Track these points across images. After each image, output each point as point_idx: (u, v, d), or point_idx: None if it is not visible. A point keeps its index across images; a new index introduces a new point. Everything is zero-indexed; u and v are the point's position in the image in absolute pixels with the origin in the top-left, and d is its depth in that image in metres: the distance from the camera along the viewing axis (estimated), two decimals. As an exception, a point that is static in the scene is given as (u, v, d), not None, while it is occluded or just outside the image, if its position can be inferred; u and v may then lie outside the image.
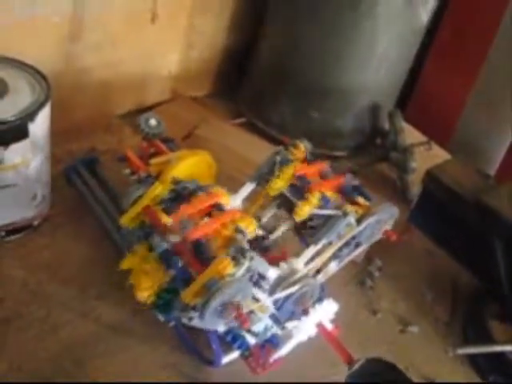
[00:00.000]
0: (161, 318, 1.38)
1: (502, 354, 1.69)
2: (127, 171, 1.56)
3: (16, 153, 1.51)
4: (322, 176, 1.59)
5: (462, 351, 1.73)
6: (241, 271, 1.27)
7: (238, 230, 1.36)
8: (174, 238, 1.33)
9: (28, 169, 1.57)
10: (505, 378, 1.69)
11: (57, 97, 1.60)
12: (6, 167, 1.52)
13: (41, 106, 1.51)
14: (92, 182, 1.79)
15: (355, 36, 2.17)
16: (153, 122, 2.11)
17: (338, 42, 2.18)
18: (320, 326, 1.43)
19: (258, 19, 2.36)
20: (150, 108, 2.31)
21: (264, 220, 1.58)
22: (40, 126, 1.53)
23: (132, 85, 2.24)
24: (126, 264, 1.39)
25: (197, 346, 1.53)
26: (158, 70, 2.31)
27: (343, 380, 1.54)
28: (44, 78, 1.59)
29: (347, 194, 1.55)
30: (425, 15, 2.25)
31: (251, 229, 1.40)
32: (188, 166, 1.52)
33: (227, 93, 2.52)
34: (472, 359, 1.74)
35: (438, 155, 2.35)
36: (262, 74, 2.40)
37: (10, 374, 1.39)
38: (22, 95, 1.53)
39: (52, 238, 1.72)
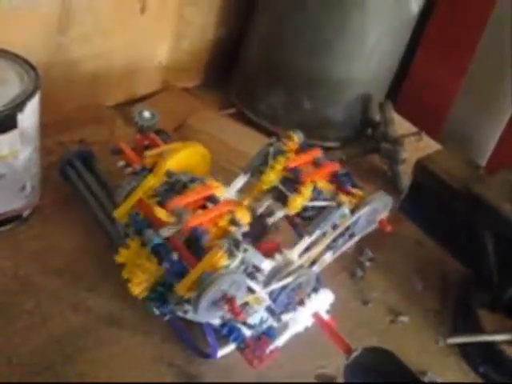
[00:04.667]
0: (156, 311, 1.38)
1: (491, 344, 1.70)
2: (122, 163, 1.55)
3: (5, 144, 1.50)
4: (316, 164, 1.59)
5: (451, 341, 1.74)
6: (235, 263, 1.27)
7: (233, 221, 1.36)
8: (168, 231, 1.33)
9: (17, 160, 1.56)
10: (494, 367, 1.70)
11: (46, 88, 1.60)
12: (-5, 158, 1.51)
13: (30, 96, 1.50)
14: (86, 175, 1.78)
15: (345, 27, 2.17)
16: (146, 114, 2.10)
17: (327, 33, 2.17)
18: (316, 316, 1.44)
19: (248, 10, 2.36)
20: (140, 99, 2.30)
21: (258, 213, 1.58)
22: (29, 116, 1.52)
23: (122, 76, 2.23)
24: (120, 258, 1.39)
25: (193, 340, 1.53)
26: (149, 60, 2.30)
27: (335, 370, 1.56)
28: (33, 67, 1.58)
29: (341, 183, 1.55)
30: (415, 6, 2.25)
31: (246, 220, 1.40)
32: (182, 158, 1.52)
33: (218, 83, 2.51)
34: (462, 349, 1.75)
35: (429, 146, 2.35)
36: (252, 65, 2.39)
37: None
38: (10, 85, 1.52)
39: (42, 229, 1.72)
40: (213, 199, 1.41)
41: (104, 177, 1.78)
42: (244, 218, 1.38)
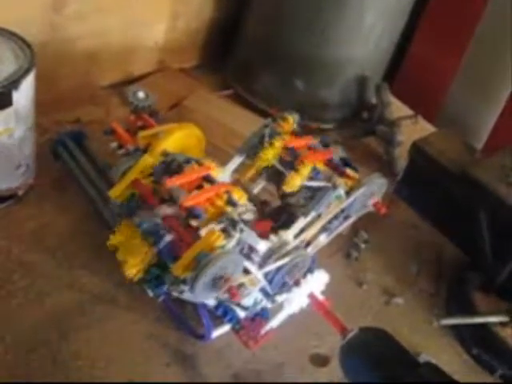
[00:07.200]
0: (150, 293, 1.38)
1: (484, 325, 1.71)
2: (114, 144, 1.55)
3: (-1, 121, 1.50)
4: (311, 149, 1.59)
5: (445, 322, 1.75)
6: (231, 243, 1.27)
7: (231, 201, 1.35)
8: (164, 210, 1.33)
9: (12, 138, 1.55)
10: (487, 349, 1.71)
11: (42, 67, 1.58)
12: (-10, 136, 1.50)
13: (25, 73, 1.49)
14: (79, 156, 1.77)
15: (342, 8, 2.15)
16: (141, 94, 2.10)
17: (325, 14, 2.16)
18: (312, 296, 1.44)
19: (246, -10, 2.34)
20: (137, 79, 2.29)
21: (254, 193, 1.58)
22: (24, 94, 1.51)
23: (118, 55, 2.21)
24: (113, 240, 1.39)
25: (187, 321, 1.53)
26: (145, 40, 2.28)
27: (329, 350, 1.56)
28: (28, 45, 1.56)
29: (336, 166, 1.55)
30: (413, -12, 2.24)
31: (243, 200, 1.39)
32: (177, 139, 1.51)
33: (214, 64, 2.50)
34: (456, 330, 1.76)
35: (425, 129, 2.35)
36: (248, 46, 2.38)
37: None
38: (5, 63, 1.51)
39: (37, 208, 1.71)
40: (209, 179, 1.41)
41: (97, 157, 1.77)
42: (241, 198, 1.38)
